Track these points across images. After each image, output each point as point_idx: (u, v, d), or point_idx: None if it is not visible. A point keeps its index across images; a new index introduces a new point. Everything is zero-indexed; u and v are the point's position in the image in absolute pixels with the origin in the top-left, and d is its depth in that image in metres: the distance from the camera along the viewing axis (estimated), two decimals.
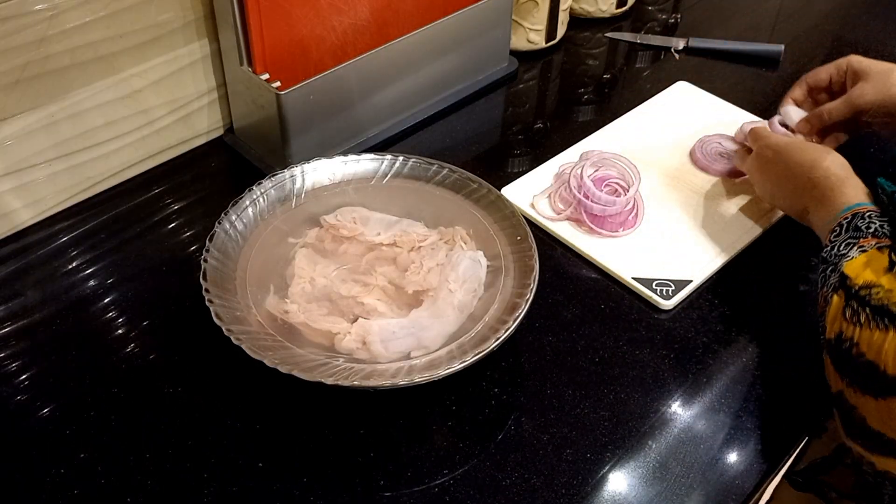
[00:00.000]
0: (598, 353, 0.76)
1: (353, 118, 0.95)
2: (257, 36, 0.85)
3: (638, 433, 0.70)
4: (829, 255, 0.68)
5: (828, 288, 0.65)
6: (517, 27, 1.11)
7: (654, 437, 0.70)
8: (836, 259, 0.66)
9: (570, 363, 0.75)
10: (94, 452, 0.67)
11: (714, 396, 0.73)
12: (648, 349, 0.77)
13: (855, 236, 0.67)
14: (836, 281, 0.64)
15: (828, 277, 0.66)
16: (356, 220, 0.80)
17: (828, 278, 0.66)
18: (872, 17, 1.27)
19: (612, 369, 0.75)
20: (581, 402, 0.72)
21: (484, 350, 0.67)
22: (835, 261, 0.66)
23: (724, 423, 0.71)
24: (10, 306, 0.79)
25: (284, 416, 0.70)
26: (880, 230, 0.66)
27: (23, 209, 0.85)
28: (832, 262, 0.67)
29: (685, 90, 1.08)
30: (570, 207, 0.88)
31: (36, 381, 0.73)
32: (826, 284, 0.66)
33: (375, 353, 0.69)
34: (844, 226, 0.68)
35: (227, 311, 0.69)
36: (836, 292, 0.64)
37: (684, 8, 1.28)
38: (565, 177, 0.90)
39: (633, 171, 0.90)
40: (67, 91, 0.83)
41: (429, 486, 0.65)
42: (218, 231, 0.76)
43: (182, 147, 0.96)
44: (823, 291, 0.66)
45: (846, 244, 0.67)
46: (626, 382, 0.74)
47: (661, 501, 0.65)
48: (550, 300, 0.80)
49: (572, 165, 0.92)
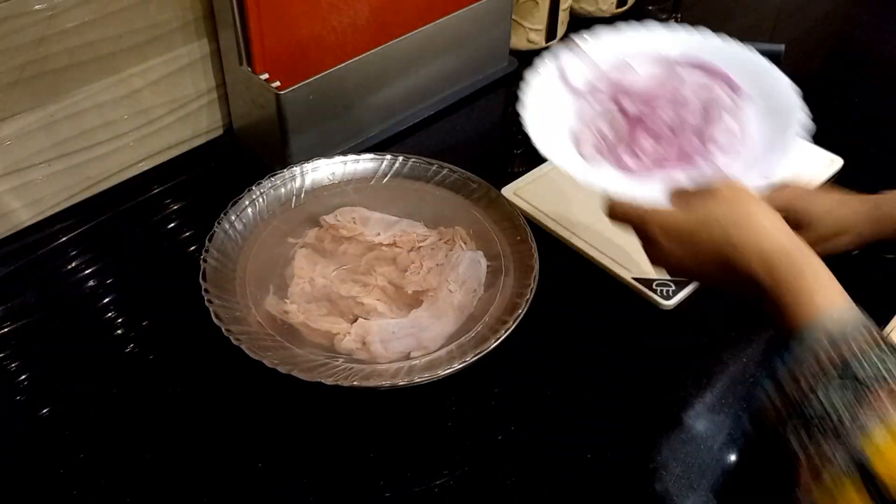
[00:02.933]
0: (598, 353, 0.76)
1: (353, 118, 0.95)
2: (257, 36, 0.85)
3: (638, 433, 0.70)
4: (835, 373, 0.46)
5: (835, 460, 0.44)
6: (517, 27, 1.11)
7: (654, 437, 0.69)
8: (837, 417, 0.45)
9: (570, 363, 0.75)
10: (94, 452, 0.67)
11: (714, 396, 0.73)
12: (648, 349, 0.77)
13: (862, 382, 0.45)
14: (848, 459, 0.44)
15: (826, 437, 0.45)
16: (356, 220, 0.80)
17: (826, 437, 0.45)
18: (872, 17, 1.27)
19: (612, 369, 0.75)
20: (581, 402, 0.72)
21: (484, 350, 0.67)
22: (834, 420, 0.45)
23: (724, 423, 0.71)
24: (10, 306, 0.79)
25: (284, 416, 0.70)
26: (882, 371, 0.46)
27: (22, 209, 0.85)
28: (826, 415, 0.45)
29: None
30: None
31: (36, 380, 0.73)
32: (824, 445, 0.45)
33: (375, 354, 0.69)
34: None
35: (226, 312, 0.69)
36: (850, 479, 0.43)
37: (684, 8, 1.28)
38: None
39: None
40: (67, 91, 0.83)
41: (429, 486, 0.65)
42: (217, 231, 0.76)
43: (181, 147, 0.96)
44: (820, 452, 0.45)
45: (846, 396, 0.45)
46: (627, 382, 0.74)
47: (661, 501, 0.65)
48: (550, 300, 0.80)
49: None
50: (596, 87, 0.74)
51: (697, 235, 0.57)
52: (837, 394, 0.45)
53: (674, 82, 0.74)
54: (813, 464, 0.45)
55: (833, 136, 1.02)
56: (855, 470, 0.43)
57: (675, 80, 0.74)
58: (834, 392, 0.46)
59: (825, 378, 0.46)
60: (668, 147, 0.69)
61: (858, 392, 0.45)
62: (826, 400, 0.46)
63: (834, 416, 0.45)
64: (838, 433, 0.44)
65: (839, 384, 0.46)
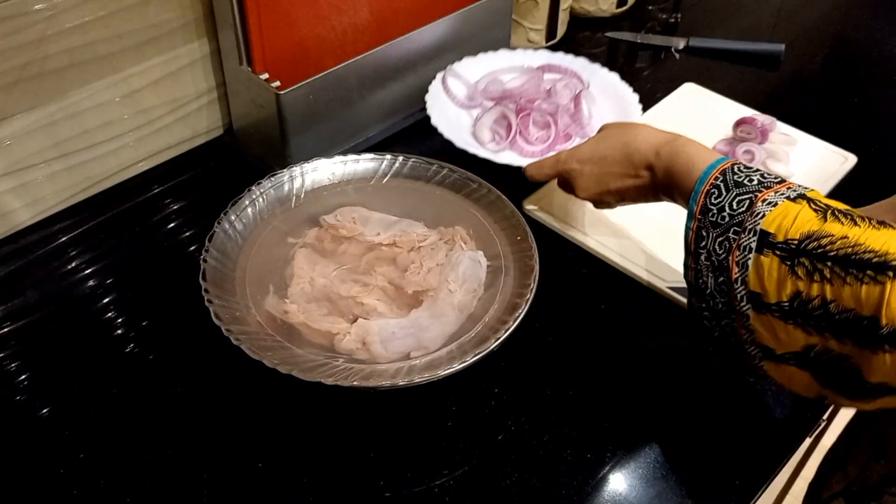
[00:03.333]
0: (597, 353, 0.76)
1: (353, 118, 0.95)
2: (257, 35, 0.85)
3: (638, 433, 0.70)
4: (719, 217, 0.62)
5: (742, 252, 0.60)
6: (517, 27, 1.11)
7: (654, 437, 0.69)
8: (739, 218, 0.61)
9: (570, 363, 0.75)
10: (94, 452, 0.67)
11: (714, 395, 0.73)
12: (648, 349, 0.77)
13: (745, 192, 0.62)
14: (753, 243, 0.59)
15: (733, 241, 0.60)
16: (356, 219, 0.80)
17: (734, 242, 0.60)
18: (873, 17, 1.27)
19: (611, 369, 0.75)
20: (581, 403, 0.72)
21: (484, 350, 0.67)
22: (735, 221, 0.61)
23: (724, 422, 0.71)
24: (10, 306, 0.79)
25: (284, 416, 0.70)
26: (766, 179, 0.62)
27: (22, 209, 0.85)
28: (730, 223, 0.61)
29: (693, 92, 1.07)
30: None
31: (36, 380, 0.73)
32: (735, 249, 0.60)
33: (375, 354, 0.69)
34: (721, 186, 0.63)
35: (226, 312, 0.69)
36: (761, 253, 0.58)
37: (684, 7, 1.28)
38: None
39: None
40: (66, 91, 0.83)
41: (429, 486, 0.65)
42: (217, 231, 0.76)
43: (181, 147, 0.96)
44: (734, 257, 0.60)
45: (739, 200, 0.61)
46: (626, 382, 0.74)
47: (661, 501, 0.65)
48: (550, 300, 0.80)
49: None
50: (483, 97, 0.97)
51: (603, 147, 0.76)
52: (730, 199, 0.62)
53: (541, 82, 0.98)
54: (734, 258, 0.60)
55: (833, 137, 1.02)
56: (763, 245, 0.58)
57: (542, 81, 0.99)
58: (731, 201, 0.62)
59: (726, 195, 0.63)
60: (552, 130, 0.92)
61: (744, 194, 0.61)
62: (725, 208, 0.62)
63: (733, 214, 0.62)
64: (741, 225, 0.60)
65: (734, 194, 0.62)
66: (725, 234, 0.61)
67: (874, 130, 1.04)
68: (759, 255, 0.59)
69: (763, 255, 0.58)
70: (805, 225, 0.57)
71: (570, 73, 1.00)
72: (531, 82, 0.98)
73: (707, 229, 0.63)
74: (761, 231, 0.59)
